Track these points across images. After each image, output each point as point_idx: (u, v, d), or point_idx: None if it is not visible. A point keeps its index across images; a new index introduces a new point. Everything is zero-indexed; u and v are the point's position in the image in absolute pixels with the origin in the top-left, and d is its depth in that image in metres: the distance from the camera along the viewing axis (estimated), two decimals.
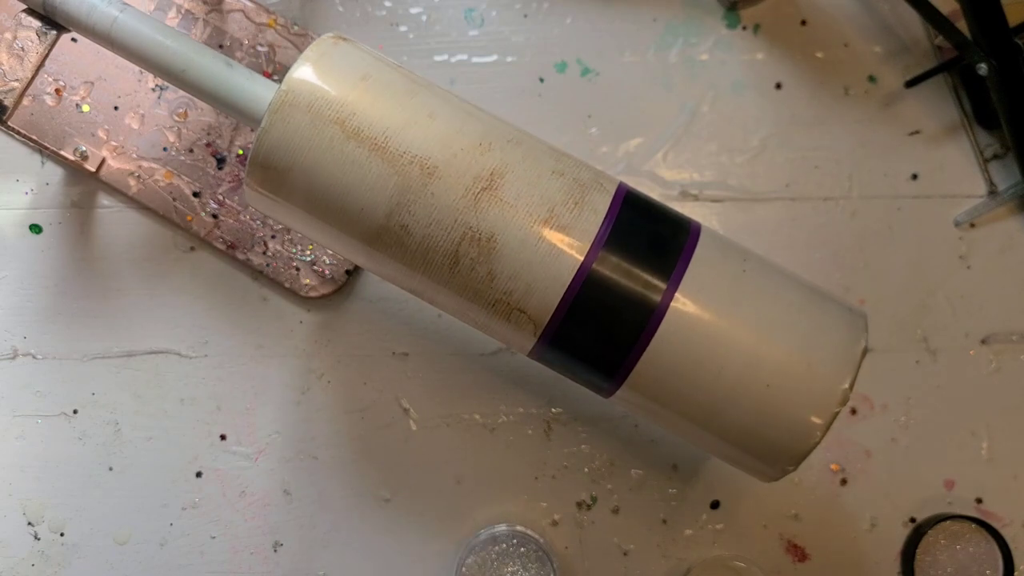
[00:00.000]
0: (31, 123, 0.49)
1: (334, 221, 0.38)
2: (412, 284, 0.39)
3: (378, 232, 0.37)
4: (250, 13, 0.50)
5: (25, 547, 0.48)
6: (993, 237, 0.52)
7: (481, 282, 0.37)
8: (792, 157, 0.52)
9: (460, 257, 0.37)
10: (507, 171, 0.37)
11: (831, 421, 0.37)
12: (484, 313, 0.38)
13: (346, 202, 0.37)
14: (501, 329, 0.39)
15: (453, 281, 0.38)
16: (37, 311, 0.49)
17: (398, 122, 0.37)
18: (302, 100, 0.37)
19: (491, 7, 0.52)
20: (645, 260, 0.37)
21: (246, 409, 0.49)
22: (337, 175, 0.37)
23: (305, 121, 0.37)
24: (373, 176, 0.36)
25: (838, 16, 0.53)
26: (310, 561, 0.48)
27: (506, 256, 0.37)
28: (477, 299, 0.38)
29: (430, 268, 0.37)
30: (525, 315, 0.37)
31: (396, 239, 0.37)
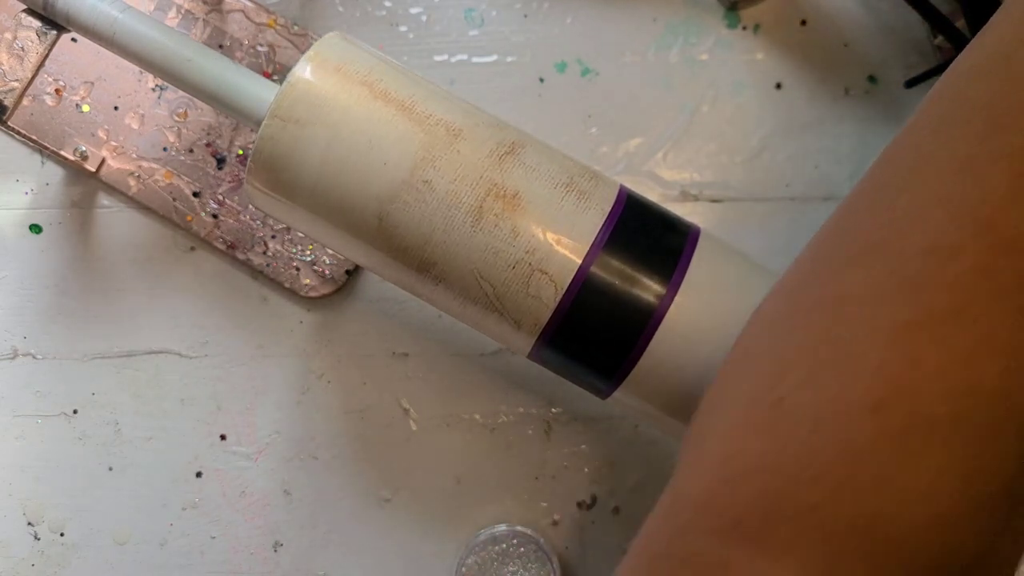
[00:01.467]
0: (31, 123, 0.49)
1: (345, 190, 0.37)
2: (425, 253, 0.37)
3: (398, 190, 0.36)
4: (250, 13, 0.50)
5: (25, 547, 0.48)
6: None
7: (504, 240, 0.37)
8: (792, 157, 0.52)
9: (484, 212, 0.36)
10: (522, 149, 0.39)
11: None
12: (501, 280, 0.37)
13: (368, 157, 0.36)
14: (513, 306, 0.37)
15: (474, 240, 0.37)
16: (37, 311, 0.49)
17: None
18: (305, 97, 0.37)
19: (491, 7, 0.52)
20: (644, 263, 0.37)
21: (246, 409, 0.49)
22: (358, 133, 0.37)
23: (309, 119, 0.37)
24: (397, 133, 0.37)
25: (838, 16, 0.53)
26: (310, 561, 0.48)
27: (531, 213, 0.37)
28: (497, 260, 0.37)
29: (451, 226, 0.37)
30: (547, 276, 0.37)
31: (417, 195, 0.36)
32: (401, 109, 0.37)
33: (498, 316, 0.38)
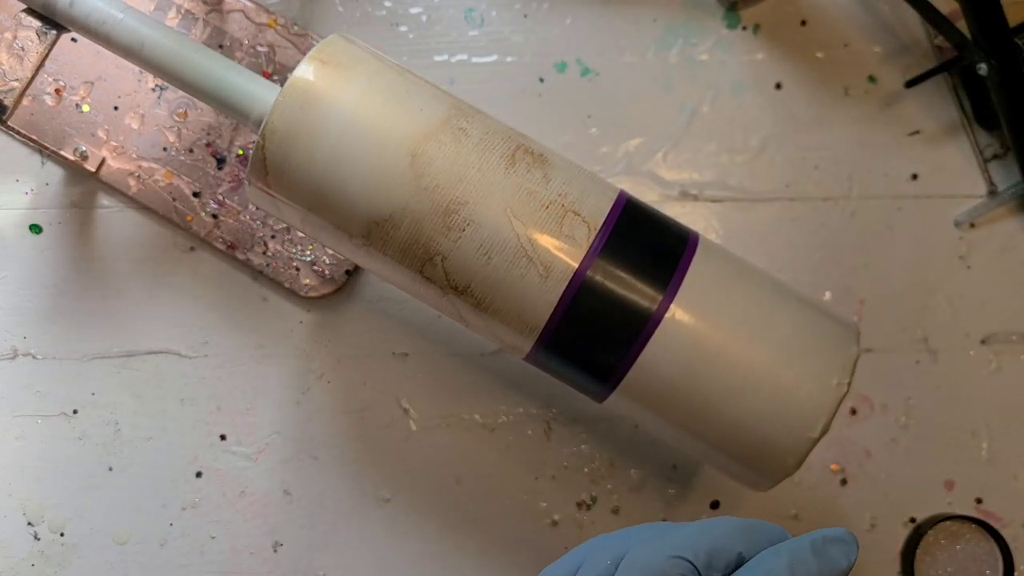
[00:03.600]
0: (31, 123, 0.49)
1: (377, 136, 0.37)
2: (457, 192, 0.36)
3: (435, 130, 0.37)
4: (250, 13, 0.50)
5: (25, 547, 0.48)
6: (993, 237, 0.52)
7: (536, 183, 0.37)
8: (792, 157, 0.52)
9: (516, 160, 0.37)
10: None
11: (823, 432, 0.37)
12: (534, 219, 0.36)
13: (397, 111, 0.37)
14: (544, 249, 0.37)
15: (508, 180, 0.37)
16: (37, 311, 0.49)
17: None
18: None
19: (491, 7, 0.52)
20: (641, 268, 0.37)
21: (246, 409, 0.49)
22: (369, 121, 0.37)
23: (310, 119, 0.37)
24: (422, 98, 0.38)
25: (838, 16, 0.53)
26: (310, 561, 0.48)
27: (560, 166, 0.38)
28: (531, 200, 0.37)
29: (485, 166, 0.37)
30: (580, 218, 0.37)
31: (453, 137, 0.37)
32: (416, 81, 0.38)
33: (526, 263, 0.37)
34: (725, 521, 0.30)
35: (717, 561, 0.29)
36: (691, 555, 0.29)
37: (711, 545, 0.29)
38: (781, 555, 0.28)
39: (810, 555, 0.28)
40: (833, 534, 0.29)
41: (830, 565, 0.28)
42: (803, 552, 0.28)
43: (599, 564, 0.30)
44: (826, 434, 0.37)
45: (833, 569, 0.28)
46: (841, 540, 0.29)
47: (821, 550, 0.29)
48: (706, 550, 0.29)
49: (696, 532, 0.30)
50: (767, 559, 0.29)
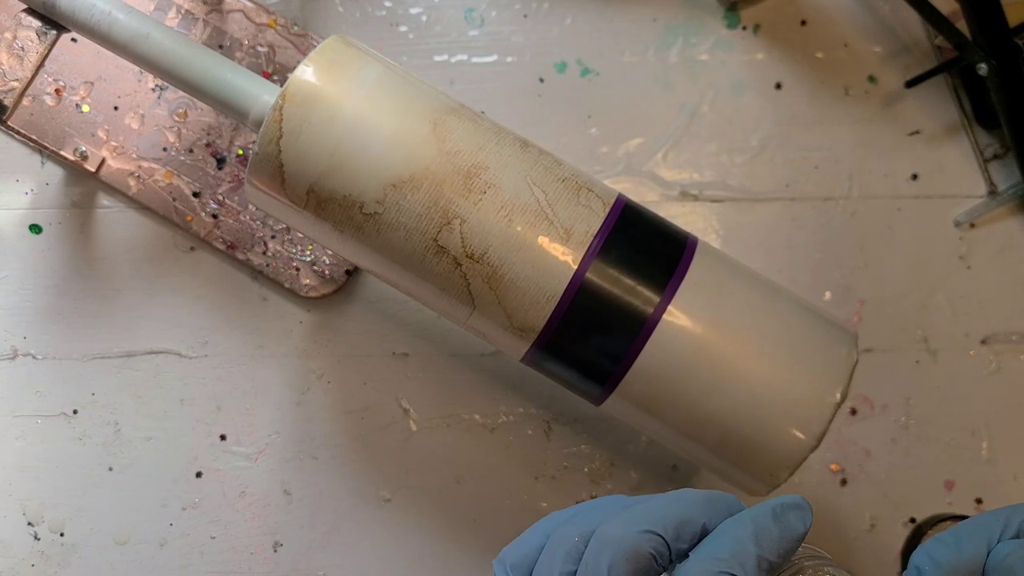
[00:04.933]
0: (31, 123, 0.49)
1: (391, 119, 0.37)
2: (478, 158, 0.38)
3: (452, 110, 0.38)
4: (250, 13, 0.50)
5: (25, 547, 0.48)
6: (993, 237, 0.52)
7: (550, 163, 0.39)
8: (792, 157, 0.52)
9: (528, 145, 0.39)
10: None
11: (820, 438, 0.37)
12: (553, 189, 0.38)
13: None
14: (565, 213, 0.37)
15: (524, 156, 0.39)
16: (37, 311, 0.49)
17: None
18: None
19: (491, 7, 0.52)
20: (639, 272, 0.37)
21: (246, 409, 0.49)
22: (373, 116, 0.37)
23: (307, 121, 0.37)
24: (428, 92, 0.39)
25: (838, 16, 0.53)
26: (310, 561, 0.48)
27: (565, 162, 0.40)
28: (548, 174, 0.38)
29: (503, 143, 0.38)
30: (594, 193, 0.38)
31: (469, 118, 0.39)
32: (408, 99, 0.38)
33: (547, 226, 0.37)
34: (686, 493, 0.31)
35: (684, 533, 0.30)
36: (661, 529, 0.30)
37: (678, 518, 0.30)
38: (745, 524, 0.29)
39: (771, 522, 0.29)
40: (790, 500, 0.30)
41: (790, 531, 0.29)
42: (765, 519, 0.29)
43: (566, 541, 0.31)
44: (824, 438, 0.37)
45: (792, 534, 0.29)
46: (798, 506, 0.30)
47: (781, 516, 0.30)
48: (674, 523, 0.30)
49: (662, 505, 0.30)
50: (731, 528, 0.30)
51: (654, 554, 0.29)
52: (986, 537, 0.31)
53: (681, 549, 0.30)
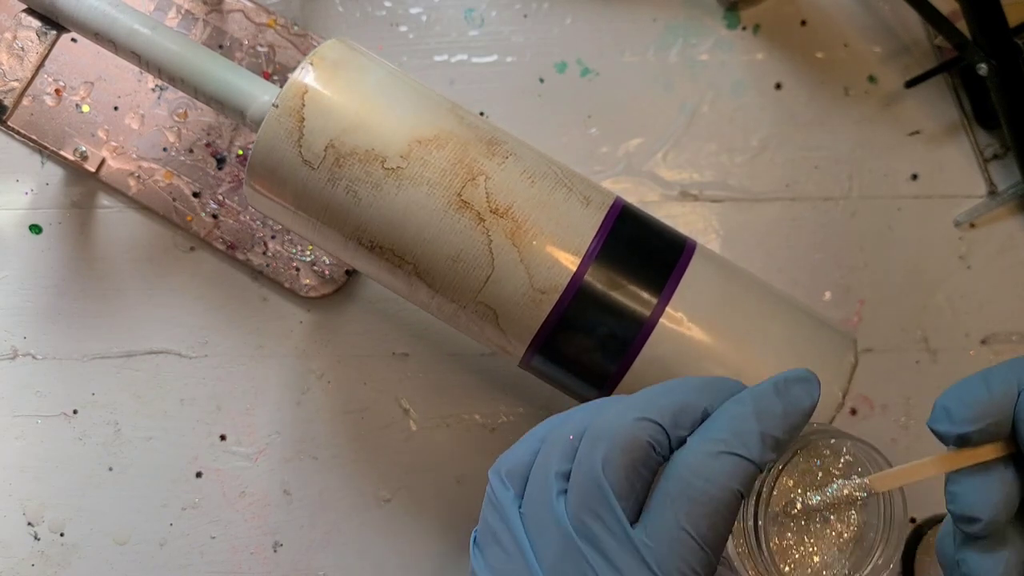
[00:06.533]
0: (31, 123, 0.49)
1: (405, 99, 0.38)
2: (496, 133, 0.39)
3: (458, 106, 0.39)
4: (250, 13, 0.50)
5: (25, 547, 0.48)
6: (993, 237, 0.52)
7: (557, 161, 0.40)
8: (792, 157, 0.52)
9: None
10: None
11: None
12: (566, 170, 0.39)
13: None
14: (581, 184, 0.38)
15: (537, 148, 0.40)
16: (37, 311, 0.49)
17: None
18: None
19: (491, 7, 0.52)
20: (637, 275, 0.37)
21: (246, 409, 0.49)
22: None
23: (336, 78, 0.37)
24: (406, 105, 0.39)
25: (838, 16, 0.53)
26: (310, 561, 0.48)
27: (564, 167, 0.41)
28: (558, 162, 0.39)
29: (515, 136, 0.39)
30: (591, 195, 0.39)
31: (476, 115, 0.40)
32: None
33: (566, 192, 0.38)
34: (686, 380, 0.30)
35: (683, 419, 0.28)
36: (657, 416, 0.28)
37: (676, 404, 0.29)
38: (745, 402, 0.28)
39: (774, 396, 0.28)
40: (794, 374, 0.29)
41: (794, 404, 0.28)
42: (767, 395, 0.28)
43: (561, 441, 0.30)
44: None
45: (797, 408, 0.28)
46: (804, 379, 0.29)
47: (784, 391, 0.28)
48: (671, 410, 0.28)
49: (659, 393, 0.29)
50: (731, 407, 0.28)
51: (651, 442, 0.28)
52: (1017, 376, 0.28)
53: (681, 436, 0.28)
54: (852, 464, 0.31)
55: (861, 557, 0.30)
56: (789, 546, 0.30)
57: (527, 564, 0.29)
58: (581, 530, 0.28)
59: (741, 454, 0.27)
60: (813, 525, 0.31)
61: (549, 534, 0.28)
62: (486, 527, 0.31)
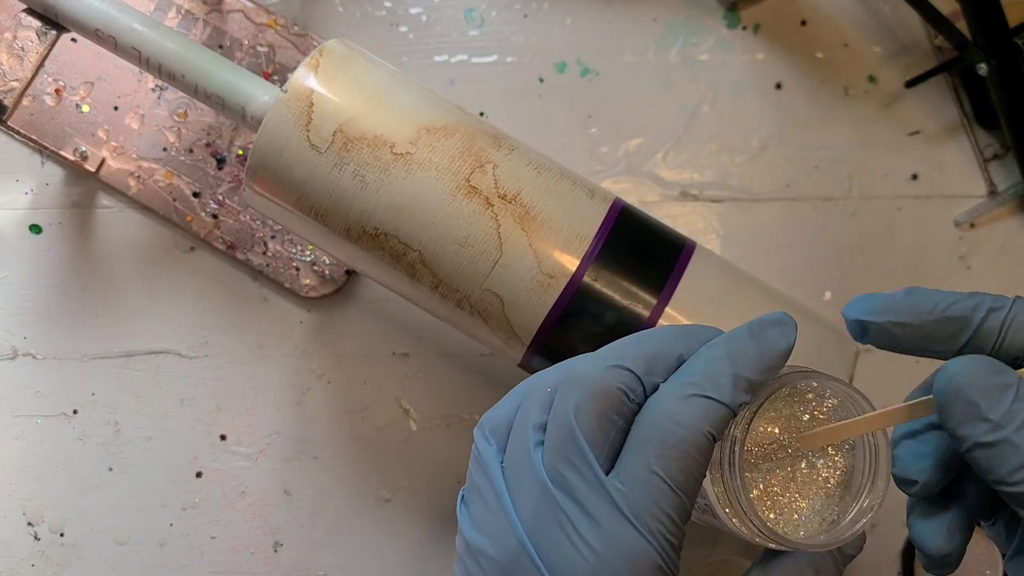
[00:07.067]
0: (31, 123, 0.49)
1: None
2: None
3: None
4: (250, 13, 0.50)
5: (25, 547, 0.48)
6: (993, 237, 0.52)
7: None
8: (792, 157, 0.52)
9: None
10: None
11: None
12: (570, 173, 0.39)
13: None
14: (584, 182, 0.39)
15: None
16: (37, 311, 0.49)
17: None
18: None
19: (491, 7, 0.52)
20: (637, 275, 0.37)
21: (246, 409, 0.49)
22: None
23: (345, 69, 0.37)
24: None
25: (838, 16, 0.53)
26: (310, 561, 0.48)
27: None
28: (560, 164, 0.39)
29: None
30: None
31: None
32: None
33: (571, 185, 0.38)
34: (662, 329, 0.30)
35: (657, 366, 0.28)
36: (630, 363, 0.28)
37: (650, 351, 0.28)
38: (719, 345, 0.28)
39: (748, 339, 0.28)
40: (771, 317, 0.29)
41: (770, 347, 0.28)
42: (741, 338, 0.28)
43: (539, 393, 0.29)
44: None
45: (773, 350, 0.28)
46: (780, 322, 0.28)
47: (759, 333, 0.28)
48: (645, 356, 0.28)
49: (634, 341, 0.29)
50: (705, 351, 0.28)
51: (623, 389, 0.28)
52: (954, 300, 0.31)
53: (655, 383, 0.28)
54: (838, 408, 0.30)
55: (849, 502, 0.30)
56: (774, 492, 0.30)
57: (508, 517, 0.28)
58: (556, 479, 0.28)
59: (712, 396, 0.27)
60: (799, 472, 0.30)
61: (528, 486, 0.28)
62: (471, 484, 0.31)
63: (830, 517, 0.30)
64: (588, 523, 0.27)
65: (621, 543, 0.27)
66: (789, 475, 0.30)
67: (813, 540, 0.29)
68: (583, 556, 0.27)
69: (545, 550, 0.27)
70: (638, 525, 0.27)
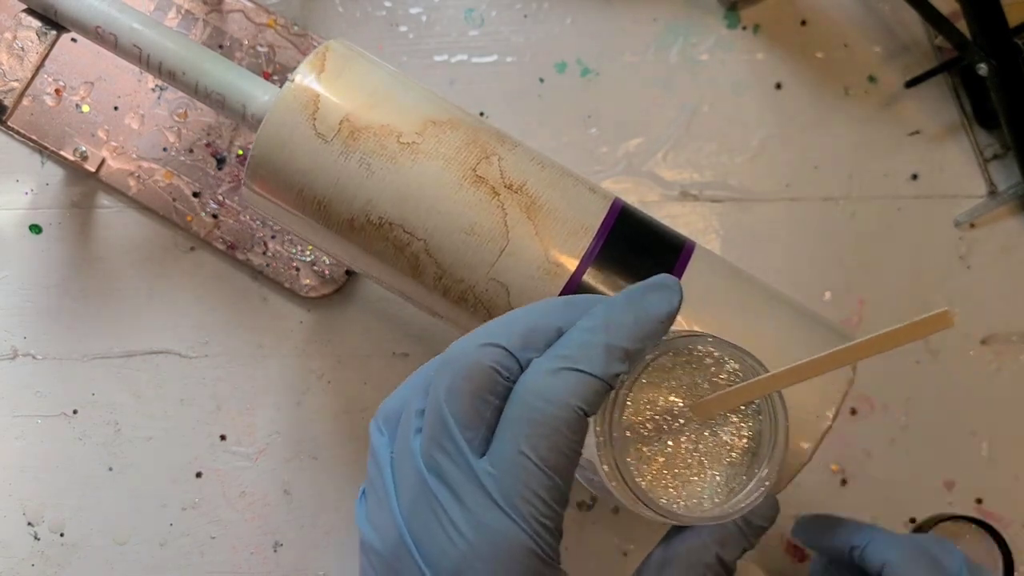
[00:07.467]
0: (31, 123, 0.49)
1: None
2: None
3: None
4: (250, 13, 0.50)
5: (25, 547, 0.48)
6: (993, 237, 0.52)
7: None
8: (792, 157, 0.52)
9: None
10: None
11: (818, 444, 0.37)
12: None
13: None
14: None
15: None
16: (37, 311, 0.49)
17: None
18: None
19: (491, 7, 0.52)
20: (636, 275, 0.37)
21: (246, 409, 0.49)
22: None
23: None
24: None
25: (838, 16, 0.53)
26: (310, 561, 0.48)
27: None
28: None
29: None
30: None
31: None
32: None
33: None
34: (546, 301, 0.29)
35: (534, 340, 0.27)
36: (504, 339, 0.27)
37: (527, 325, 0.27)
38: (596, 314, 0.27)
39: (626, 307, 0.27)
40: (653, 280, 0.27)
41: (647, 314, 0.27)
42: (618, 305, 0.27)
43: (421, 379, 0.29)
44: (821, 444, 0.37)
45: (651, 317, 0.27)
46: (662, 286, 0.27)
47: (638, 300, 0.27)
48: (520, 332, 0.27)
49: (513, 317, 0.28)
50: (582, 322, 0.27)
51: (495, 367, 0.27)
52: None
53: (531, 359, 0.27)
54: (738, 373, 0.29)
55: (756, 471, 0.28)
56: (677, 464, 0.29)
57: (391, 508, 0.28)
58: (431, 465, 0.27)
59: (581, 368, 0.26)
60: (704, 442, 0.29)
61: (408, 475, 0.27)
62: (367, 478, 0.30)
63: (738, 487, 0.29)
64: (460, 510, 0.26)
65: (492, 529, 0.26)
66: (692, 446, 0.29)
67: (705, 514, 0.28)
68: (455, 544, 0.26)
69: (421, 540, 0.27)
70: (508, 510, 0.26)
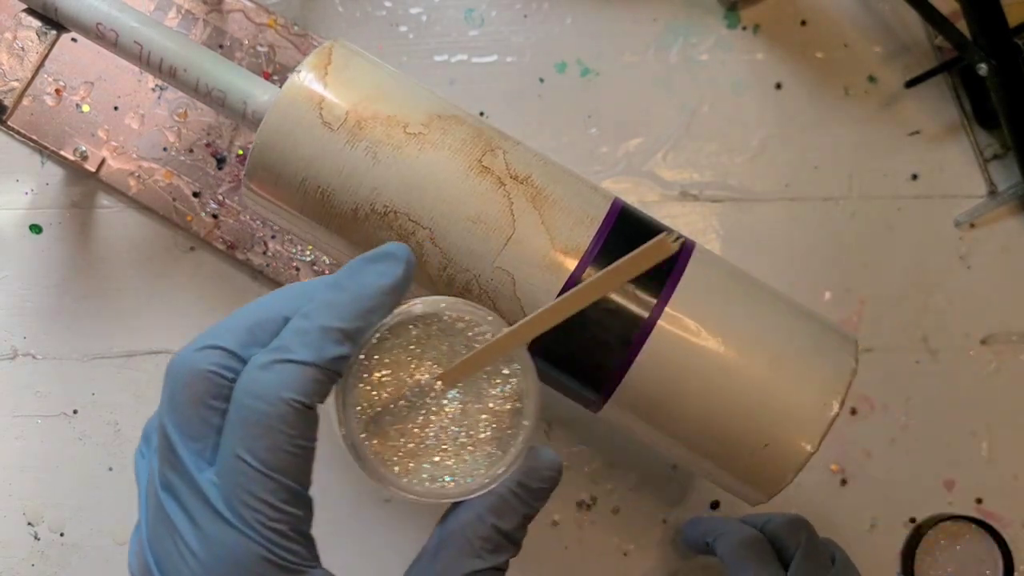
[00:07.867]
0: (31, 123, 0.49)
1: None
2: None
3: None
4: (250, 13, 0.50)
5: (25, 547, 0.48)
6: (993, 237, 0.52)
7: None
8: (792, 157, 0.52)
9: None
10: None
11: (818, 445, 0.37)
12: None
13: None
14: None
15: None
16: (37, 311, 0.49)
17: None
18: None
19: (491, 7, 0.52)
20: None
21: None
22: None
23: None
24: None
25: (838, 16, 0.53)
26: None
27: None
28: None
29: None
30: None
31: None
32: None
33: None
34: (275, 292, 0.27)
35: (259, 336, 0.26)
36: (225, 340, 0.26)
37: (250, 321, 0.26)
38: (315, 298, 0.26)
39: (344, 284, 0.25)
40: (377, 251, 0.26)
41: (364, 288, 0.25)
42: (336, 285, 0.26)
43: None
44: (823, 443, 0.37)
45: (368, 291, 0.25)
46: (382, 257, 0.26)
47: (355, 275, 0.26)
48: (244, 328, 0.26)
49: (237, 313, 0.27)
50: (303, 308, 0.26)
51: (214, 370, 0.25)
52: None
53: (253, 355, 0.26)
54: (486, 334, 0.28)
55: None
56: (437, 438, 0.27)
57: (141, 534, 0.27)
58: (164, 484, 0.26)
59: (292, 359, 0.25)
60: (469, 410, 0.28)
61: (151, 496, 0.26)
62: None
63: (488, 467, 0.28)
64: (191, 527, 0.25)
65: (219, 542, 0.25)
66: (457, 417, 0.28)
67: (450, 489, 0.26)
68: (188, 564, 0.25)
69: (162, 563, 0.25)
70: (232, 519, 0.25)
